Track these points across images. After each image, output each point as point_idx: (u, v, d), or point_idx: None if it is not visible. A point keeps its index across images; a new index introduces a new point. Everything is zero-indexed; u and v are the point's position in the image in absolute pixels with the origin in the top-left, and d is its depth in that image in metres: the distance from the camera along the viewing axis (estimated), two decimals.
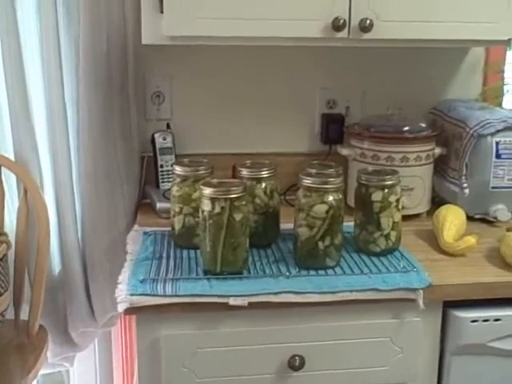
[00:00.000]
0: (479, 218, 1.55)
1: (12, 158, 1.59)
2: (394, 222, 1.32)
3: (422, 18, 1.39)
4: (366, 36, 1.37)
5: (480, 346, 1.26)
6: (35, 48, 1.56)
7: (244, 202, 1.21)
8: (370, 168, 1.40)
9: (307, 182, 1.24)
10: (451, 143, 1.60)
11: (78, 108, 1.57)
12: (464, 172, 1.54)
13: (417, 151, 1.55)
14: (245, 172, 1.36)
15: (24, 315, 1.59)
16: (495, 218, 1.54)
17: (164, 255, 1.33)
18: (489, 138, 1.51)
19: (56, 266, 1.69)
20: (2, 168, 1.58)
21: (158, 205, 1.57)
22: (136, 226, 1.51)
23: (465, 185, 1.54)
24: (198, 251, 1.28)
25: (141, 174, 1.70)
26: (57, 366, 1.78)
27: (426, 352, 1.27)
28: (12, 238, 1.56)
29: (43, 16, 1.49)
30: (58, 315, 1.69)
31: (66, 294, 1.67)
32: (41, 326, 1.59)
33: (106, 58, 1.54)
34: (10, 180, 1.63)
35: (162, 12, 1.33)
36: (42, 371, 1.66)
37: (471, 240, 1.34)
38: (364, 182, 1.33)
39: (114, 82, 1.57)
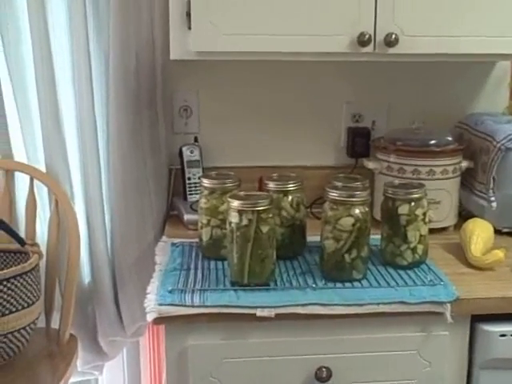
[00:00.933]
0: (507, 232, 1.54)
1: (43, 169, 1.63)
2: (420, 235, 1.33)
3: (448, 32, 1.39)
4: (392, 51, 1.38)
5: (509, 361, 1.25)
6: (66, 63, 1.60)
7: (271, 215, 1.23)
8: (397, 181, 1.40)
9: (334, 194, 1.25)
10: (478, 157, 1.60)
11: (107, 122, 1.60)
12: (491, 185, 1.53)
13: (443, 165, 1.55)
14: (271, 185, 1.38)
15: (55, 324, 1.62)
16: None
17: (192, 266, 1.34)
18: None
19: (86, 276, 1.72)
20: (34, 180, 1.62)
21: (186, 217, 1.59)
22: (164, 238, 1.54)
23: (492, 198, 1.53)
24: (226, 262, 1.29)
25: (169, 187, 1.72)
26: (86, 374, 1.80)
27: (453, 366, 1.26)
28: (43, 248, 1.60)
29: (74, 33, 1.53)
30: (87, 324, 1.72)
31: (95, 303, 1.70)
32: (71, 335, 1.62)
33: (134, 74, 1.58)
34: (42, 192, 1.67)
35: (189, 28, 1.36)
36: (72, 379, 1.69)
37: (499, 254, 1.34)
38: (390, 195, 1.33)
39: (142, 96, 1.61)
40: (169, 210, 1.72)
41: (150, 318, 1.16)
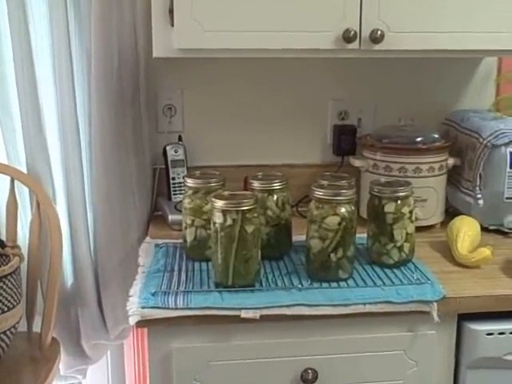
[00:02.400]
0: (494, 229, 1.54)
1: (24, 170, 1.60)
2: (407, 234, 1.31)
3: (434, 28, 1.38)
4: (377, 47, 1.37)
5: (496, 360, 1.24)
6: (47, 62, 1.57)
7: (256, 215, 1.21)
8: (383, 179, 1.39)
9: (319, 193, 1.24)
10: (465, 154, 1.59)
11: (90, 121, 1.58)
12: (478, 183, 1.52)
13: (430, 162, 1.54)
14: (256, 184, 1.36)
15: (36, 327, 1.59)
16: (510, 228, 1.53)
17: (176, 268, 1.32)
18: (503, 148, 1.50)
19: (68, 278, 1.70)
20: (16, 181, 1.59)
21: (170, 217, 1.57)
22: (148, 238, 1.52)
23: (479, 195, 1.52)
24: (210, 263, 1.27)
25: (153, 187, 1.70)
26: (69, 378, 1.77)
27: (440, 365, 1.25)
28: (25, 250, 1.57)
29: (55, 31, 1.51)
30: (70, 327, 1.69)
31: (78, 306, 1.67)
32: (53, 339, 1.59)
33: (117, 72, 1.55)
34: (23, 193, 1.64)
35: (172, 25, 1.33)
36: (55, 383, 1.66)
37: (486, 252, 1.33)
38: (377, 193, 1.32)
39: (125, 95, 1.58)
40: (153, 210, 1.70)
41: (132, 321, 1.14)
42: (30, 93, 1.54)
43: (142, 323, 1.15)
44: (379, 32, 1.35)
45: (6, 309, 1.40)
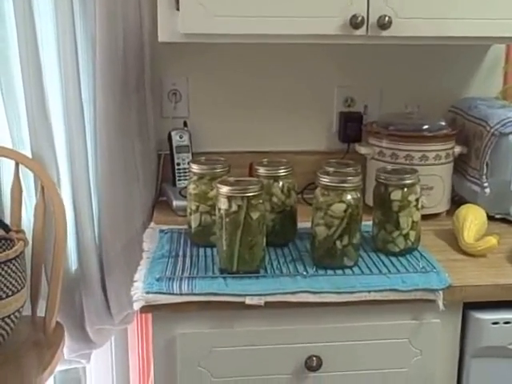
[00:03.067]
0: (500, 218, 1.53)
1: (29, 155, 1.59)
2: (413, 222, 1.31)
3: (442, 14, 1.36)
4: (385, 33, 1.35)
5: (501, 349, 1.23)
6: (52, 47, 1.57)
7: (261, 201, 1.20)
8: (389, 167, 1.38)
9: (325, 180, 1.23)
10: (472, 142, 1.58)
11: (94, 106, 1.57)
12: (485, 171, 1.51)
13: (436, 150, 1.53)
14: (262, 170, 1.35)
15: (41, 312, 1.60)
16: None
17: (180, 253, 1.32)
18: (510, 136, 1.48)
19: (73, 263, 1.70)
20: (20, 165, 1.58)
21: (175, 203, 1.56)
22: (152, 224, 1.51)
23: (485, 184, 1.51)
24: (215, 249, 1.27)
25: (157, 172, 1.70)
26: (73, 362, 1.78)
27: (445, 354, 1.25)
28: (29, 235, 1.57)
29: (59, 15, 1.50)
30: (74, 312, 1.70)
31: (82, 291, 1.67)
32: (57, 323, 1.60)
33: (122, 57, 1.54)
34: (28, 177, 1.63)
35: (177, 9, 1.32)
36: (59, 368, 1.67)
37: (492, 240, 1.32)
38: (383, 180, 1.31)
39: (130, 80, 1.57)
40: (157, 196, 1.69)
41: (136, 306, 1.14)
42: (34, 78, 1.53)
43: (146, 308, 1.15)
44: (387, 18, 1.34)
45: (10, 293, 1.40)
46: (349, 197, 1.22)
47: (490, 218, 1.48)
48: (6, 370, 1.42)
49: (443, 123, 1.58)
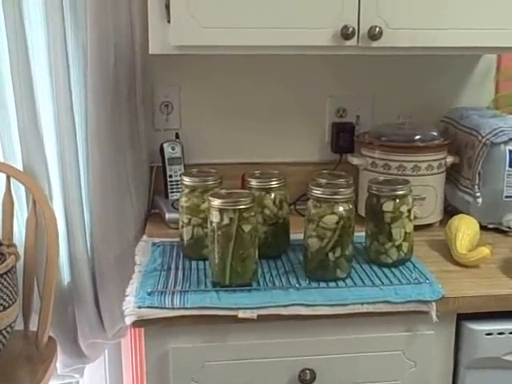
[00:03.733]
0: (493, 228, 1.53)
1: (20, 168, 1.58)
2: (405, 233, 1.30)
3: (432, 25, 1.37)
4: (376, 44, 1.36)
5: (495, 360, 1.23)
6: (43, 58, 1.56)
7: (253, 213, 1.20)
8: (381, 178, 1.38)
9: (317, 192, 1.23)
10: (464, 152, 1.58)
11: (86, 118, 1.56)
12: (477, 181, 1.51)
13: (428, 160, 1.53)
14: (254, 182, 1.35)
15: (33, 326, 1.58)
16: (509, 227, 1.52)
17: (172, 266, 1.31)
18: (502, 146, 1.49)
19: (65, 277, 1.68)
20: (12, 179, 1.57)
21: (167, 215, 1.56)
22: (145, 237, 1.51)
23: (478, 194, 1.51)
24: (207, 262, 1.26)
25: (150, 184, 1.69)
26: (66, 377, 1.76)
27: (439, 365, 1.24)
28: (21, 249, 1.56)
29: (51, 26, 1.49)
30: (67, 326, 1.68)
31: (75, 305, 1.66)
32: (50, 337, 1.58)
33: (113, 68, 1.54)
34: (19, 191, 1.62)
35: (168, 22, 1.32)
36: (52, 382, 1.65)
37: (485, 251, 1.32)
38: (375, 192, 1.31)
39: (121, 91, 1.57)
40: (150, 208, 1.69)
41: (128, 321, 1.13)
42: (25, 89, 1.52)
43: (138, 323, 1.14)
44: (377, 29, 1.34)
45: (1, 308, 1.38)
46: (341, 208, 1.22)
47: (483, 227, 1.48)
48: None
49: (435, 133, 1.58)
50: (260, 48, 1.36)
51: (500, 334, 1.22)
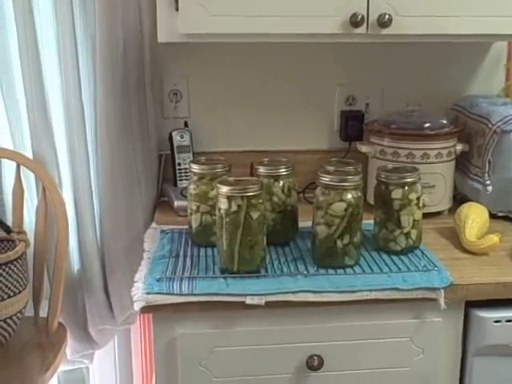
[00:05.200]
0: (502, 216, 1.52)
1: (30, 156, 1.59)
2: (414, 220, 1.30)
3: (442, 12, 1.36)
4: (385, 31, 1.35)
5: (503, 347, 1.23)
6: (52, 48, 1.57)
7: (261, 200, 1.20)
8: (390, 165, 1.37)
9: (325, 179, 1.22)
10: (474, 139, 1.57)
11: (95, 107, 1.57)
12: (487, 169, 1.50)
13: (438, 148, 1.52)
14: (262, 170, 1.35)
15: (43, 313, 1.60)
16: None
17: (181, 253, 1.32)
18: None
19: (75, 264, 1.70)
20: (21, 167, 1.58)
21: (176, 203, 1.56)
22: (154, 224, 1.51)
23: (487, 182, 1.50)
24: (216, 249, 1.27)
25: (159, 172, 1.70)
26: (76, 363, 1.78)
27: (447, 353, 1.24)
28: (31, 236, 1.57)
29: (60, 17, 1.50)
30: (77, 313, 1.70)
31: (84, 291, 1.67)
32: (60, 324, 1.60)
33: (122, 57, 1.54)
34: (29, 179, 1.64)
35: (177, 10, 1.32)
36: (62, 368, 1.67)
37: (494, 238, 1.31)
38: (383, 179, 1.31)
39: (130, 80, 1.57)
40: (159, 196, 1.69)
41: (137, 306, 1.13)
42: (35, 79, 1.53)
43: (146, 309, 1.14)
44: (387, 16, 1.34)
45: (12, 294, 1.40)
46: (349, 196, 1.22)
47: (493, 215, 1.47)
48: (9, 370, 1.43)
49: (445, 121, 1.57)
50: (268, 36, 1.35)
51: (508, 321, 1.21)
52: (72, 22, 1.50)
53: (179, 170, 1.65)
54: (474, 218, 1.38)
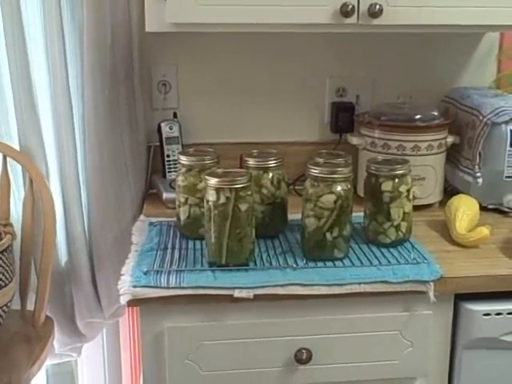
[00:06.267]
0: (492, 209, 1.51)
1: (17, 147, 1.57)
2: (404, 213, 1.29)
3: (433, 2, 1.35)
4: (376, 22, 1.34)
5: (492, 340, 1.22)
6: (39, 38, 1.54)
7: (249, 192, 1.19)
8: (380, 157, 1.36)
9: (315, 171, 1.21)
10: (464, 132, 1.56)
11: (83, 98, 1.55)
12: (477, 161, 1.50)
13: (428, 140, 1.51)
14: (251, 162, 1.34)
15: (30, 306, 1.58)
16: (509, 208, 1.51)
17: (169, 246, 1.31)
18: (503, 126, 1.47)
19: (62, 256, 1.68)
20: (8, 158, 1.56)
21: (165, 195, 1.55)
22: (142, 217, 1.50)
23: (478, 174, 1.50)
24: (204, 242, 1.25)
25: (147, 164, 1.68)
26: (64, 356, 1.77)
27: (436, 346, 1.24)
28: (18, 228, 1.55)
29: (46, 5, 1.47)
30: (64, 306, 1.68)
31: (72, 284, 1.66)
32: (47, 317, 1.58)
33: (110, 47, 1.52)
34: (16, 170, 1.62)
35: None
36: (49, 361, 1.66)
37: (484, 231, 1.31)
38: (374, 171, 1.30)
39: (118, 71, 1.55)
40: (147, 188, 1.68)
41: (123, 300, 1.12)
42: (21, 69, 1.51)
43: (133, 302, 1.13)
44: (378, 6, 1.32)
45: None
46: (339, 188, 1.21)
47: (483, 208, 1.47)
48: None
49: (436, 113, 1.56)
50: (258, 26, 1.34)
51: (498, 314, 1.21)
52: (59, 13, 1.47)
53: (168, 161, 1.63)
54: (465, 211, 1.37)
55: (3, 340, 1.48)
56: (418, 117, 1.53)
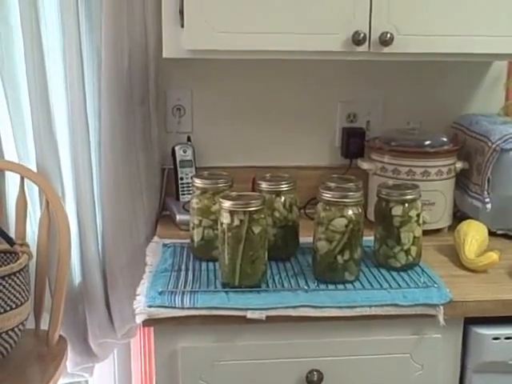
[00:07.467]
0: (501, 234, 1.53)
1: (34, 169, 1.61)
2: (414, 237, 1.31)
3: (443, 31, 1.38)
4: (387, 50, 1.37)
5: (502, 364, 1.23)
6: (58, 61, 1.59)
7: (263, 215, 1.21)
8: (391, 182, 1.39)
9: (327, 195, 1.24)
10: (473, 157, 1.59)
11: (99, 120, 1.59)
12: (486, 187, 1.52)
13: (438, 165, 1.54)
14: (264, 185, 1.36)
15: (44, 325, 1.60)
16: None
17: (183, 267, 1.33)
18: (511, 152, 1.49)
19: (76, 276, 1.71)
20: (25, 179, 1.60)
21: (178, 217, 1.57)
22: (156, 238, 1.52)
23: (487, 200, 1.52)
24: (217, 264, 1.27)
25: (161, 186, 1.71)
26: (76, 376, 1.78)
27: (446, 369, 1.25)
28: (34, 248, 1.58)
29: (66, 30, 1.52)
30: (77, 325, 1.70)
31: (86, 304, 1.68)
32: (60, 336, 1.60)
33: (127, 72, 1.56)
34: (33, 191, 1.65)
35: (182, 26, 1.34)
36: (61, 381, 1.67)
37: (493, 256, 1.32)
38: (384, 196, 1.32)
39: (135, 95, 1.59)
40: (161, 210, 1.70)
41: (139, 319, 1.14)
42: (40, 91, 1.55)
43: (148, 322, 1.15)
44: (389, 35, 1.35)
45: (14, 306, 1.41)
46: (350, 212, 1.23)
47: (492, 233, 1.48)
48: (10, 383, 1.43)
49: (445, 139, 1.59)
50: (272, 53, 1.37)
51: (507, 338, 1.22)
52: (78, 36, 1.52)
53: (181, 184, 1.66)
54: (474, 236, 1.39)
55: (18, 359, 1.50)
56: (427, 143, 1.55)
